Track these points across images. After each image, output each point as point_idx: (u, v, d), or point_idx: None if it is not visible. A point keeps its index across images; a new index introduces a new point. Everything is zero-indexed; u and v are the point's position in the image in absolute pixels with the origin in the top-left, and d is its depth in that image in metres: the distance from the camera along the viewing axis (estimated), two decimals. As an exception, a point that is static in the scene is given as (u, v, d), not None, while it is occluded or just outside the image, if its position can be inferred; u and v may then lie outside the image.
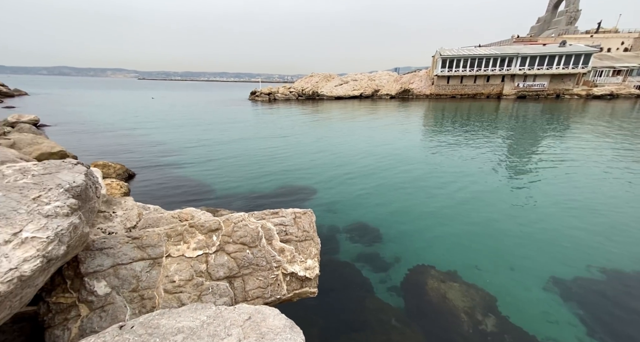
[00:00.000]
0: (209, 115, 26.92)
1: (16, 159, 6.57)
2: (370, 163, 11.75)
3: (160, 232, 2.64)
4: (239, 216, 2.97)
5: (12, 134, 9.73)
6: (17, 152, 7.30)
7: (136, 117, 24.57)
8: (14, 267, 1.50)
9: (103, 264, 2.29)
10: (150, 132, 17.88)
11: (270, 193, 8.82)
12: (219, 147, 14.49)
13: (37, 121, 17.33)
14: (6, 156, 6.49)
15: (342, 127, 21.13)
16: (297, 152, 13.58)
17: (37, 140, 9.67)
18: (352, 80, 51.86)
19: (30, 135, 10.17)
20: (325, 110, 32.51)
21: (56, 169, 2.32)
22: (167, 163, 11.66)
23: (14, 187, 1.97)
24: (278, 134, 17.82)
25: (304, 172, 10.69)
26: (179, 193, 8.84)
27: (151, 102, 39.73)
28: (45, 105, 31.67)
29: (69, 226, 1.87)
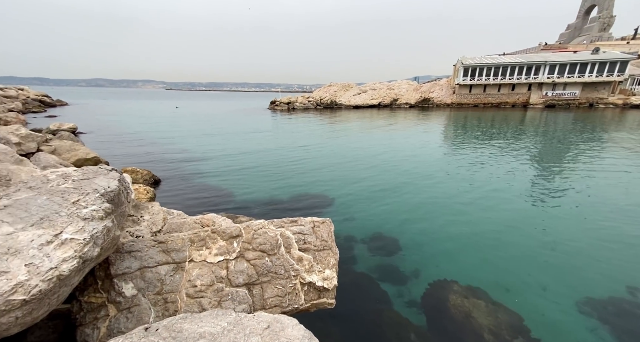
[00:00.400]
0: (230, 124, 27.84)
1: (56, 165, 7.11)
2: (389, 173, 11.60)
3: (184, 237, 2.73)
4: (259, 223, 3.02)
5: (53, 141, 10.55)
6: (57, 158, 7.90)
7: (162, 126, 25.86)
8: (54, 266, 1.61)
9: (131, 267, 2.40)
10: (175, 140, 18.72)
11: (288, 201, 8.90)
12: (239, 155, 14.88)
13: (75, 129, 18.68)
14: (48, 161, 7.04)
15: (361, 136, 21.09)
16: (315, 161, 13.68)
17: (75, 147, 10.41)
18: (370, 90, 51.96)
19: (69, 142, 10.97)
20: (343, 120, 32.67)
21: (93, 175, 2.48)
22: (190, 170, 12.11)
23: (57, 191, 2.13)
24: (296, 143, 18.07)
25: (322, 181, 10.72)
26: (201, 199, 9.12)
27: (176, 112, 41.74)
28: (83, 114, 34.14)
29: (103, 228, 1.99)
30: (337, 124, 29.03)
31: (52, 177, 2.33)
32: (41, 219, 1.83)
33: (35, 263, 1.57)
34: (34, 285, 1.50)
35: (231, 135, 20.99)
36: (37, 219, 1.83)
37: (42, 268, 1.57)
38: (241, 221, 6.92)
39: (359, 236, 6.68)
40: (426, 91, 51.56)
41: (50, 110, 35.52)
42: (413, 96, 50.92)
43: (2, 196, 2.03)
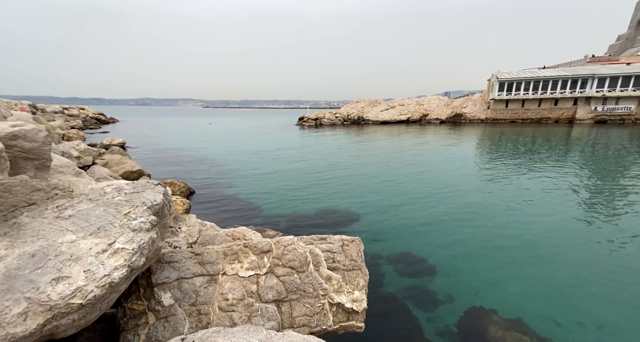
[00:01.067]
0: (259, 140, 28.98)
1: (107, 177, 7.85)
2: (420, 191, 11.23)
3: (219, 250, 2.85)
4: (289, 240, 3.06)
5: (105, 155, 11.71)
6: (108, 171, 8.72)
7: (197, 141, 27.59)
8: (107, 273, 1.76)
9: (170, 277, 2.54)
10: (209, 154, 19.83)
11: (314, 217, 8.91)
12: (268, 169, 15.34)
13: (123, 144, 20.58)
14: (101, 174, 7.79)
15: (389, 152, 20.82)
16: (342, 177, 13.66)
17: (123, 161, 11.45)
18: (399, 105, 51.62)
19: (118, 156, 12.10)
20: (370, 135, 32.59)
21: (142, 189, 2.72)
22: (222, 183, 12.67)
23: (112, 204, 2.35)
24: (323, 159, 18.26)
25: (348, 197, 10.64)
26: (231, 211, 9.45)
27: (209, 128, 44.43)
28: (130, 130, 37.60)
29: (149, 240, 2.15)
30: (365, 139, 29.00)
31: (108, 190, 2.59)
32: (98, 228, 2.03)
33: (92, 270, 1.73)
34: (89, 290, 1.65)
35: (260, 151, 21.79)
36: (95, 229, 2.03)
37: (98, 275, 1.72)
38: (269, 235, 7.04)
39: (387, 256, 6.46)
40: (458, 106, 50.07)
41: (104, 127, 39.66)
42: (444, 111, 49.65)
43: (67, 206, 2.29)
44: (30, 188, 2.85)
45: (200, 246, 4.01)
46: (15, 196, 2.72)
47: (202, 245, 4.07)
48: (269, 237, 6.85)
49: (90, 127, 36.90)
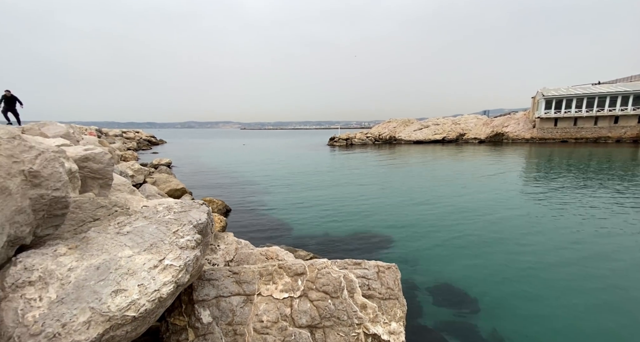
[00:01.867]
0: (291, 160, 29.78)
1: (156, 194, 8.56)
2: (459, 214, 10.57)
3: (255, 270, 2.91)
4: (323, 263, 3.03)
5: (154, 174, 12.85)
6: (157, 188, 9.52)
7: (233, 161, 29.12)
8: (157, 288, 1.89)
9: (209, 294, 2.63)
10: (244, 173, 20.76)
11: (346, 239, 8.74)
12: (299, 189, 15.57)
13: (170, 163, 22.46)
14: (150, 192, 8.53)
15: (423, 172, 20.10)
16: (374, 198, 13.39)
17: (169, 179, 12.44)
18: (433, 125, 50.33)
19: (165, 175, 13.19)
20: (403, 154, 31.89)
21: (189, 208, 2.93)
22: (256, 201, 13.08)
23: (163, 222, 2.56)
24: (355, 180, 18.14)
25: (381, 220, 10.33)
26: (264, 230, 9.65)
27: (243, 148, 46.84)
28: (176, 151, 41.01)
29: (194, 257, 2.28)
30: (397, 159, 28.42)
31: (160, 209, 2.83)
32: (151, 245, 2.22)
33: (145, 284, 1.87)
34: (142, 304, 1.77)
35: (292, 170, 22.32)
36: (148, 245, 2.22)
37: (149, 289, 1.85)
38: (300, 256, 7.02)
39: (424, 285, 6.04)
40: (499, 125, 47.45)
41: (154, 148, 43.83)
42: (483, 131, 47.30)
43: (126, 223, 2.55)
44: (96, 205, 3.21)
45: (236, 264, 4.13)
46: (84, 211, 3.07)
47: (238, 263, 4.19)
48: (300, 257, 6.83)
49: (142, 148, 41.01)
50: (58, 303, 1.63)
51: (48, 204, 2.40)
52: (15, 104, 13.27)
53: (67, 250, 2.02)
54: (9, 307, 1.58)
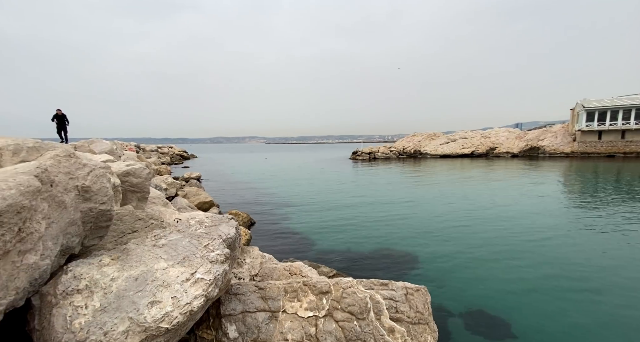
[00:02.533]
0: (313, 173, 29.98)
1: (186, 207, 8.98)
2: (491, 233, 9.94)
3: (280, 286, 2.91)
4: (348, 282, 2.97)
5: (185, 187, 13.52)
6: (187, 201, 9.99)
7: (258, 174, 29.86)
8: (189, 301, 1.96)
9: (236, 309, 2.66)
10: (268, 187, 21.17)
11: (369, 256, 8.50)
12: (321, 203, 15.53)
13: (199, 177, 23.54)
14: (181, 204, 8.95)
15: (451, 187, 19.30)
16: (399, 213, 13.01)
17: (198, 192, 13.02)
18: (460, 138, 48.65)
19: (195, 188, 13.83)
20: (429, 169, 30.95)
21: (219, 222, 3.04)
22: (278, 214, 13.22)
23: (195, 235, 2.68)
24: (377, 194, 17.81)
25: (407, 237, 9.97)
26: (286, 243, 9.67)
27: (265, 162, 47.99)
28: (205, 165, 43.00)
29: (223, 271, 2.34)
30: (423, 173, 27.61)
31: (192, 223, 2.97)
32: (184, 258, 2.32)
33: (178, 297, 1.94)
34: (175, 316, 1.84)
35: (314, 184, 22.42)
36: (181, 258, 2.32)
37: (182, 302, 1.92)
38: (323, 272, 6.92)
39: (456, 310, 5.66)
40: (534, 139, 44.85)
41: (186, 162, 46.35)
42: (516, 145, 44.91)
43: (162, 236, 2.69)
44: (135, 217, 3.43)
45: (260, 279, 4.16)
46: (124, 223, 3.29)
47: (262, 278, 4.21)
48: (323, 274, 6.73)
49: (175, 163, 43.49)
50: (101, 312, 1.75)
51: (95, 216, 2.62)
52: (66, 123, 14.06)
53: (110, 260, 2.17)
54: (59, 314, 1.71)
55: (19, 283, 1.75)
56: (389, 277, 3.22)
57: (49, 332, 1.69)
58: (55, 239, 2.14)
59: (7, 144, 3.02)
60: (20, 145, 2.95)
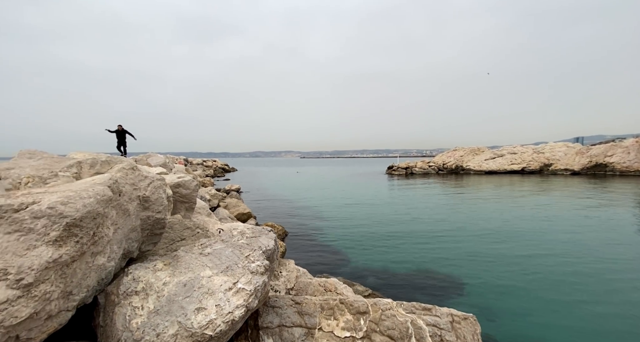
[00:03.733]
0: (348, 188, 29.72)
1: (227, 217, 9.45)
2: (547, 258, 8.85)
3: (316, 302, 2.87)
4: (387, 304, 2.83)
5: (226, 199, 14.28)
6: (227, 212, 10.51)
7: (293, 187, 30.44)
8: (231, 311, 2.02)
9: (273, 322, 2.68)
10: (302, 200, 21.44)
11: (406, 276, 8.05)
12: (355, 218, 15.24)
13: (239, 189, 24.74)
14: (223, 215, 9.44)
15: (499, 205, 17.73)
16: (439, 232, 12.23)
17: (238, 204, 13.64)
18: (509, 154, 45.01)
19: (235, 200, 14.52)
20: (473, 186, 28.90)
21: (259, 234, 3.15)
22: (312, 228, 13.23)
23: (237, 246, 2.80)
24: (415, 210, 17.00)
25: (449, 259, 9.29)
26: (320, 258, 9.58)
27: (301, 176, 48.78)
28: (244, 178, 45.17)
29: (263, 283, 2.39)
30: (467, 191, 25.84)
31: (235, 233, 3.11)
32: (227, 267, 2.42)
33: (221, 305, 2.02)
34: (218, 324, 1.91)
35: (348, 198, 22.16)
36: (224, 267, 2.43)
37: (224, 311, 2.00)
38: (358, 291, 6.69)
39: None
40: (599, 154, 39.83)
41: (227, 175, 49.23)
42: (576, 161, 40.25)
43: (207, 245, 2.86)
44: (183, 226, 3.69)
45: (295, 293, 4.15)
46: (174, 232, 3.56)
47: (297, 292, 4.20)
48: (358, 293, 6.50)
49: (217, 175, 46.41)
50: (154, 314, 1.88)
51: (152, 224, 2.88)
52: (125, 138, 14.69)
53: (163, 266, 2.35)
54: (120, 312, 1.88)
55: (90, 282, 1.98)
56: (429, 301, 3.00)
57: (111, 329, 1.86)
58: (120, 244, 2.38)
59: (86, 158, 3.50)
60: (95, 160, 3.40)
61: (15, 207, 1.62)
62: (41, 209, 1.65)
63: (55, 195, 1.76)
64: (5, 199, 1.63)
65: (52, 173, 3.02)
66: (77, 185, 2.12)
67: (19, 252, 1.53)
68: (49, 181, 2.92)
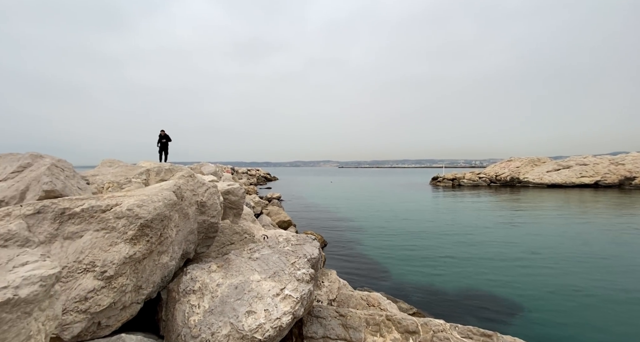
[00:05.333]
0: (388, 198, 28.73)
1: (269, 224, 9.77)
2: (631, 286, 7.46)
3: (361, 316, 2.78)
4: (439, 325, 2.62)
5: (268, 206, 14.83)
6: (270, 219, 10.88)
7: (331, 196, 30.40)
8: (278, 317, 2.05)
9: (317, 332, 2.65)
10: (340, 209, 21.25)
11: (456, 297, 7.39)
12: (397, 230, 14.59)
13: (280, 197, 25.54)
14: (265, 222, 9.79)
15: (567, 223, 15.57)
16: (494, 250, 11.10)
17: (279, 211, 14.06)
18: (577, 165, 39.66)
19: (276, 208, 15.00)
20: (533, 200, 25.91)
21: (303, 242, 3.18)
22: (351, 238, 12.97)
23: (283, 252, 2.86)
24: (465, 225, 15.72)
25: (507, 280, 8.35)
26: (359, 270, 9.31)
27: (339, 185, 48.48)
28: (284, 186, 46.55)
29: (308, 291, 2.40)
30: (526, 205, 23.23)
31: (281, 240, 3.19)
32: (274, 273, 2.48)
33: (270, 310, 2.07)
34: (267, 329, 1.95)
35: (389, 209, 21.37)
36: (272, 273, 2.49)
37: (273, 316, 2.03)
38: (402, 308, 6.33)
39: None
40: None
41: (269, 183, 51.35)
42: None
43: (255, 250, 2.97)
44: (233, 231, 3.88)
45: (337, 305, 4.07)
46: (224, 236, 3.76)
47: (339, 304, 4.12)
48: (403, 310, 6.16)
49: (260, 184, 48.66)
50: (209, 313, 1.99)
51: (207, 227, 3.09)
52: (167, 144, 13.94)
53: (216, 268, 2.50)
54: (180, 309, 2.03)
55: (155, 278, 2.18)
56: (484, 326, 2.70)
57: (172, 324, 2.01)
58: (180, 244, 2.60)
59: (153, 166, 3.92)
60: (161, 168, 3.78)
61: (103, 208, 1.87)
62: (122, 210, 1.88)
63: (132, 198, 2.00)
64: (96, 201, 1.90)
65: (127, 179, 3.44)
66: (148, 190, 2.39)
67: (104, 248, 1.75)
68: (124, 186, 3.33)
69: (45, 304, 1.07)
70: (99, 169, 4.34)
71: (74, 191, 2.55)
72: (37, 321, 1.03)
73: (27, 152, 2.61)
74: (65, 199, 1.96)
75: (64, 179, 2.48)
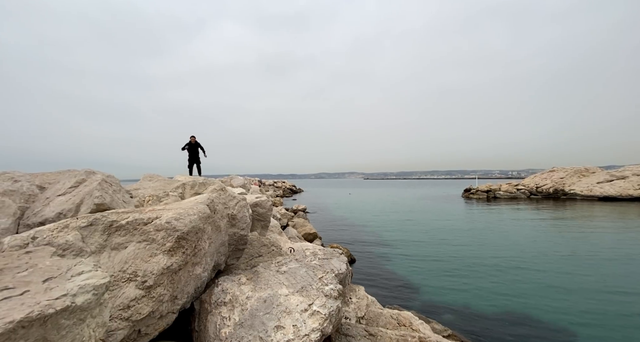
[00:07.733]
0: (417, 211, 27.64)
1: (294, 237, 9.82)
2: None
3: (392, 337, 2.66)
4: (478, 351, 2.42)
5: (294, 218, 14.95)
6: (296, 231, 10.93)
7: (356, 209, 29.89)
8: (307, 333, 2.03)
9: (345, 352, 2.57)
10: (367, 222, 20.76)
11: (495, 319, 6.81)
12: (428, 246, 13.92)
13: (305, 209, 25.64)
14: (291, 233, 9.85)
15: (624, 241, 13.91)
16: (537, 270, 10.16)
17: (305, 224, 14.10)
18: (634, 175, 35.66)
19: (302, 220, 15.07)
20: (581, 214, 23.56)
21: (330, 256, 3.16)
22: (379, 254, 12.56)
23: (310, 266, 2.85)
24: (503, 241, 14.61)
25: (551, 304, 7.57)
26: (388, 287, 8.95)
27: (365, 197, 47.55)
28: (309, 198, 46.76)
29: (336, 308, 2.35)
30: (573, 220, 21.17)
31: (307, 254, 3.20)
32: (302, 287, 2.47)
33: (298, 326, 2.05)
34: (295, 345, 1.93)
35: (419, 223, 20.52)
36: (299, 287, 2.49)
37: (301, 332, 2.02)
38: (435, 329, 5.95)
39: None
40: None
41: (294, 195, 51.94)
42: None
43: (283, 263, 3.00)
44: (260, 243, 3.95)
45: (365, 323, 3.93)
46: (253, 248, 3.84)
47: (368, 322, 3.97)
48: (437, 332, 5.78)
49: (286, 196, 49.36)
50: (239, 326, 2.02)
51: (237, 240, 3.18)
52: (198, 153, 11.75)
53: (246, 280, 2.55)
54: (212, 321, 2.09)
55: (189, 289, 2.27)
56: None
57: (204, 335, 2.07)
58: (212, 256, 2.70)
59: (188, 180, 4.15)
60: (195, 182, 4.00)
61: (145, 221, 2.02)
62: (161, 223, 2.01)
63: (170, 212, 2.13)
64: (139, 214, 2.06)
65: (165, 193, 3.68)
66: (184, 203, 2.53)
67: (145, 259, 1.87)
68: (162, 199, 3.56)
69: (96, 311, 1.17)
70: (141, 183, 4.69)
71: (119, 204, 2.78)
72: (89, 328, 1.12)
73: (83, 169, 2.92)
74: (113, 212, 2.15)
75: (111, 193, 2.73)
